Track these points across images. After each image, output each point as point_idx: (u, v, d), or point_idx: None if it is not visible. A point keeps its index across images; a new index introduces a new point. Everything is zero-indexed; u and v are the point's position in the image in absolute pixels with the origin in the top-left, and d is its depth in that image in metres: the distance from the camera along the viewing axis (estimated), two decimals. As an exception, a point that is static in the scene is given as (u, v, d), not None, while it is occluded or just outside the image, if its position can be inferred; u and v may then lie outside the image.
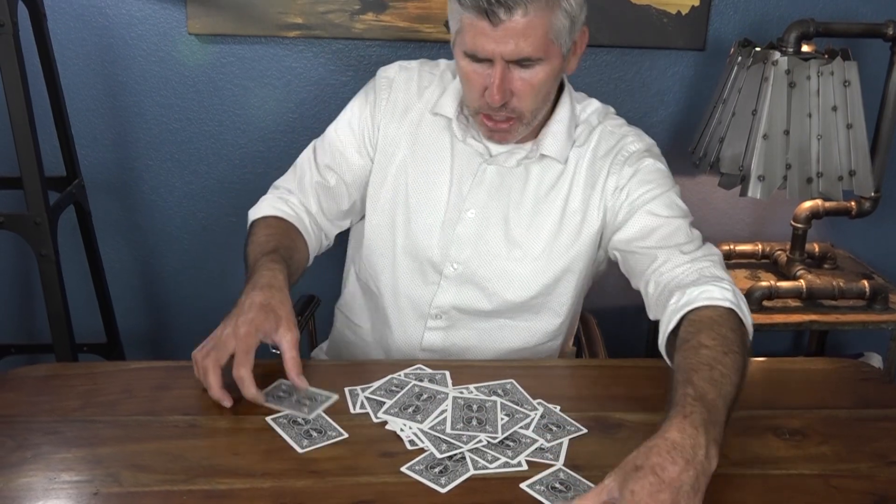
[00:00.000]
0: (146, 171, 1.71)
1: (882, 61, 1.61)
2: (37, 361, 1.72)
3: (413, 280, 1.16)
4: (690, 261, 1.04)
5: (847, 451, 0.90)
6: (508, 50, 0.98)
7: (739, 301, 0.97)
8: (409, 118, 1.16)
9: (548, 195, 1.12)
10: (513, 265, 1.13)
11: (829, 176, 1.50)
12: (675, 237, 1.07)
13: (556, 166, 1.12)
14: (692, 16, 1.67)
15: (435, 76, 1.18)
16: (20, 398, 0.94)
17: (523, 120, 1.06)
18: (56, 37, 1.53)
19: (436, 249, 1.14)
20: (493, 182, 1.13)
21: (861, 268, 1.74)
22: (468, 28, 0.99)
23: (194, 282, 1.80)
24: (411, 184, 1.15)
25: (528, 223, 1.13)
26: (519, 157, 1.12)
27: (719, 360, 0.86)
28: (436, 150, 1.15)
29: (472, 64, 1.02)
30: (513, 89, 1.02)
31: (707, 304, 0.95)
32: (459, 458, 0.85)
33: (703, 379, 0.83)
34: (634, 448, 0.76)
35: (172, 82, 1.65)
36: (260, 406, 0.93)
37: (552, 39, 0.99)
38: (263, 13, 1.60)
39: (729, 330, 0.91)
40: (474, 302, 1.15)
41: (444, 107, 1.14)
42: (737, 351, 0.88)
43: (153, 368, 1.03)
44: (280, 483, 0.81)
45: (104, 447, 0.86)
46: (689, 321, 0.94)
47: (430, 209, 1.14)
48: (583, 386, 1.02)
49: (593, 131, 1.14)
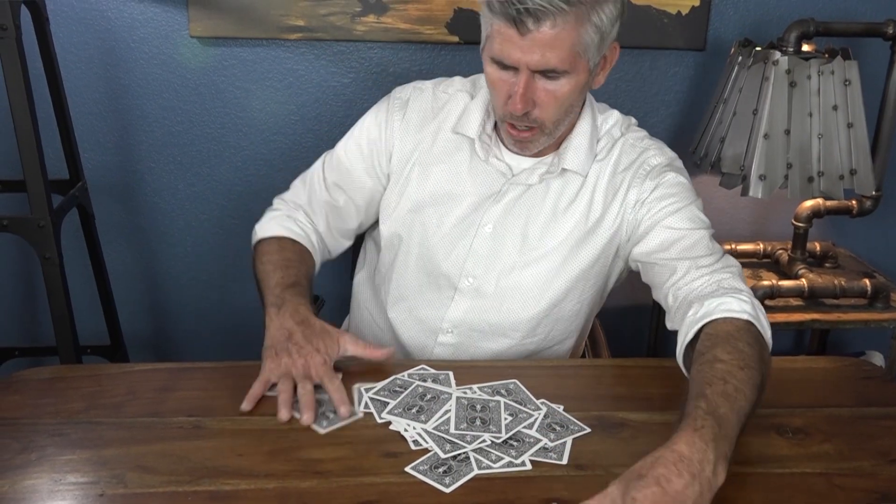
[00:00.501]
0: (148, 174, 1.72)
1: (882, 60, 1.61)
2: (41, 364, 1.73)
3: (426, 294, 1.16)
4: (710, 272, 1.03)
5: (849, 449, 0.90)
6: (534, 60, 0.97)
7: (758, 313, 0.97)
8: (425, 136, 1.16)
9: (567, 209, 1.12)
10: (526, 278, 1.12)
11: (830, 175, 1.51)
12: (695, 249, 1.06)
13: (576, 180, 1.11)
14: (692, 16, 1.67)
15: (449, 95, 1.17)
16: (25, 400, 0.95)
17: (545, 130, 1.05)
18: (59, 40, 1.54)
19: (452, 263, 1.13)
20: (512, 198, 1.12)
21: (862, 266, 1.74)
22: (496, 35, 0.99)
23: (197, 284, 1.80)
24: (428, 200, 1.15)
25: (543, 235, 1.12)
26: (541, 172, 1.11)
27: (734, 375, 0.85)
28: (454, 168, 1.14)
29: (499, 71, 1.02)
30: (536, 99, 1.01)
31: (725, 317, 0.94)
32: (463, 457, 0.86)
33: (717, 393, 0.83)
34: (638, 448, 0.77)
35: (174, 85, 1.66)
36: (263, 407, 0.93)
37: (579, 53, 0.99)
38: (265, 16, 1.60)
39: (746, 344, 0.90)
40: (486, 316, 1.14)
41: (465, 127, 1.13)
42: (753, 366, 0.88)
43: (157, 370, 1.03)
44: (284, 484, 0.82)
45: (109, 449, 0.86)
46: (706, 334, 0.94)
47: (447, 225, 1.14)
48: (586, 385, 1.03)
49: (615, 144, 1.13)
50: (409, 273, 1.17)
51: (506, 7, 0.95)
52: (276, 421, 0.91)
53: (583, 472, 0.84)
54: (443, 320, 1.15)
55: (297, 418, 0.91)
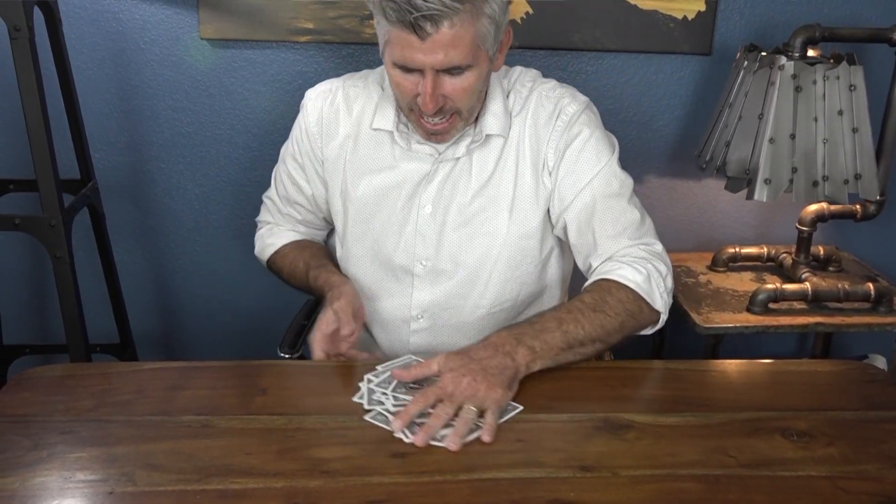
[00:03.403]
0: (158, 174, 1.73)
1: (887, 66, 1.61)
2: (51, 361, 1.74)
3: (388, 287, 1.19)
4: (624, 246, 1.10)
5: (854, 452, 0.90)
6: (438, 60, 1.00)
7: (651, 283, 1.06)
8: (344, 135, 1.19)
9: (494, 171, 1.15)
10: (476, 248, 1.15)
11: (834, 179, 1.51)
12: (613, 223, 1.11)
13: (499, 142, 1.15)
14: (698, 21, 1.67)
15: (360, 89, 1.20)
16: (35, 398, 0.96)
17: (462, 116, 1.09)
18: (71, 41, 1.55)
19: (401, 252, 1.17)
20: (444, 174, 1.15)
21: (866, 270, 1.75)
22: (396, 41, 1.01)
23: (206, 283, 1.81)
24: (362, 197, 1.18)
25: (479, 204, 1.15)
26: (466, 143, 1.14)
27: (582, 312, 1.01)
28: (380, 162, 1.17)
29: (403, 74, 1.04)
30: (445, 94, 1.04)
31: (613, 279, 1.06)
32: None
33: (552, 317, 1.01)
34: (644, 449, 0.79)
35: (185, 86, 1.67)
36: (271, 406, 0.94)
37: (479, 45, 1.02)
38: (274, 18, 1.61)
39: (614, 299, 1.04)
40: (450, 293, 1.17)
41: (381, 121, 1.16)
42: (609, 313, 1.02)
43: (166, 369, 1.04)
44: (292, 483, 0.82)
45: (118, 447, 0.87)
46: (591, 283, 1.08)
47: (386, 215, 1.17)
48: (591, 387, 1.03)
49: (529, 97, 1.16)
50: (366, 272, 1.20)
51: (402, 14, 0.96)
52: (283, 420, 0.92)
53: (589, 474, 0.85)
54: (410, 308, 1.18)
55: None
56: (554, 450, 0.89)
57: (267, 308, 1.78)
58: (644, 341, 1.86)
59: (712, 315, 1.54)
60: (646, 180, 1.80)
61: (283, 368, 1.04)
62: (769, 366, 1.12)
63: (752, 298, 1.56)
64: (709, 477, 0.85)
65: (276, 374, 1.03)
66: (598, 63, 1.71)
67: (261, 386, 1.00)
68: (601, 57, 1.71)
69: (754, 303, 1.55)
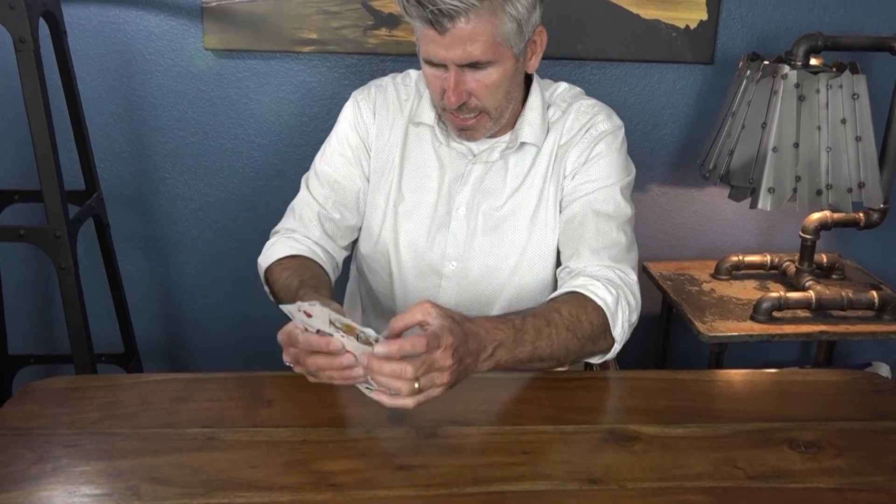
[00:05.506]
0: (163, 184, 1.73)
1: (889, 74, 1.62)
2: (56, 371, 1.74)
3: (415, 285, 1.19)
4: (604, 266, 1.09)
5: (862, 463, 0.90)
6: (457, 55, 1.02)
7: (618, 309, 1.04)
8: (396, 132, 1.20)
9: (524, 180, 1.16)
10: (504, 255, 1.16)
11: (838, 188, 1.51)
12: (599, 237, 1.11)
13: (532, 151, 1.16)
14: (700, 30, 1.68)
15: (409, 87, 1.22)
16: (40, 410, 0.95)
17: (490, 115, 1.10)
18: (76, 52, 1.56)
19: (433, 250, 1.18)
20: (477, 178, 1.17)
21: (869, 278, 1.74)
22: (421, 36, 1.05)
23: (210, 293, 1.81)
24: (404, 193, 1.19)
25: (510, 212, 1.16)
26: (500, 149, 1.16)
27: (558, 327, 0.99)
28: (424, 158, 1.19)
29: (431, 68, 1.07)
30: (469, 90, 1.06)
31: (588, 296, 1.04)
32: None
33: (533, 328, 0.97)
34: (651, 461, 0.79)
35: (189, 96, 1.67)
36: (276, 419, 0.94)
37: (500, 42, 1.03)
38: (278, 29, 1.62)
39: (587, 320, 1.02)
40: (474, 298, 1.18)
41: (422, 115, 1.18)
42: (577, 335, 1.00)
43: (171, 381, 1.03)
44: (298, 496, 0.82)
45: (123, 460, 0.87)
46: (569, 293, 1.06)
47: (422, 213, 1.18)
48: (598, 398, 1.03)
49: (567, 111, 1.17)
50: (391, 270, 1.20)
51: (421, 10, 0.99)
52: (289, 433, 0.92)
53: (596, 486, 0.85)
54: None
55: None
56: (560, 462, 0.89)
57: (273, 318, 1.77)
58: (648, 350, 1.87)
59: (716, 324, 1.54)
60: (649, 189, 1.80)
61: (289, 380, 1.03)
62: (775, 375, 1.12)
63: (755, 307, 1.56)
64: (717, 489, 0.85)
65: (281, 385, 1.03)
66: (601, 72, 1.72)
67: (266, 398, 0.99)
68: (604, 66, 1.71)
69: (758, 311, 1.55)
